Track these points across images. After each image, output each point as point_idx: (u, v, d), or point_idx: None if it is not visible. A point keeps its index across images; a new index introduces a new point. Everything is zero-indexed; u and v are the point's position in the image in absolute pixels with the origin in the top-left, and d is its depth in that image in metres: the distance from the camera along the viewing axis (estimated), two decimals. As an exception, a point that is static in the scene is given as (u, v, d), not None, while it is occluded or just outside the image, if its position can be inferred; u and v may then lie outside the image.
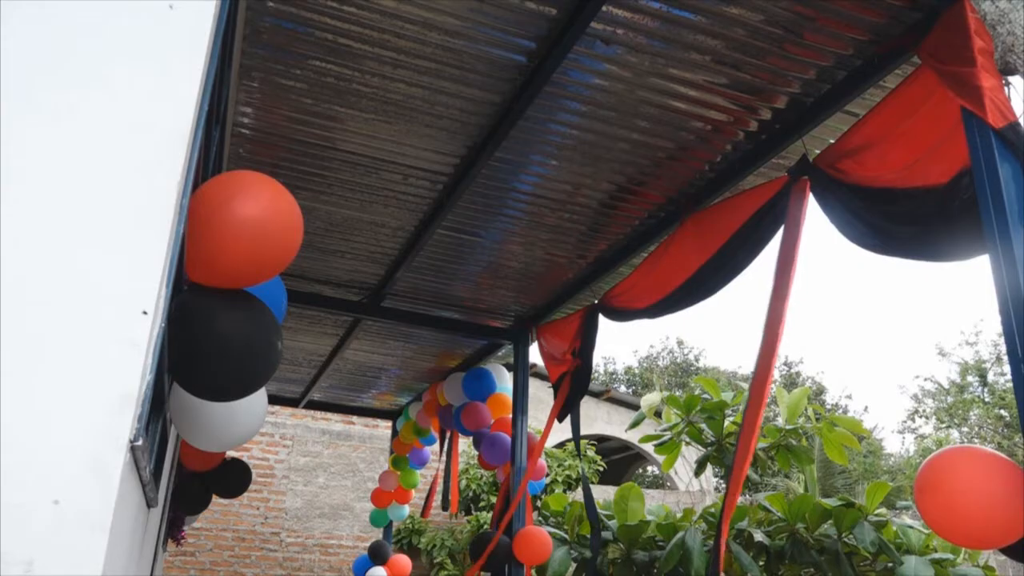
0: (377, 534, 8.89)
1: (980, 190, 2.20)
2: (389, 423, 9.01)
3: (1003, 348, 21.50)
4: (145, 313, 1.41)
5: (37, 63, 1.48)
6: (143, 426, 1.44)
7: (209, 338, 1.73)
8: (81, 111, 1.49)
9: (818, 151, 3.17)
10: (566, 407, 5.03)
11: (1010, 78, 2.27)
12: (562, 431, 5.75)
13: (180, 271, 1.88)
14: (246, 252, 1.73)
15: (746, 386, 7.35)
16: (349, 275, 5.20)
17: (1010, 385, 20.73)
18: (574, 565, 6.39)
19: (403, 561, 8.05)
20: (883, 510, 5.70)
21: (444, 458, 7.64)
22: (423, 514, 7.70)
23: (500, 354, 6.55)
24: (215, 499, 4.93)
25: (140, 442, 1.42)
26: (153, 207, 1.49)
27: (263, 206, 1.76)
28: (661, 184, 3.91)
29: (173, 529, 5.54)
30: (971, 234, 2.36)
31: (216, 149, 2.98)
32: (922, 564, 5.22)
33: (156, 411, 2.14)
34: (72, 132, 1.48)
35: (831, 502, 5.62)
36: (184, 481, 4.53)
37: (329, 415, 10.97)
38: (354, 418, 11.15)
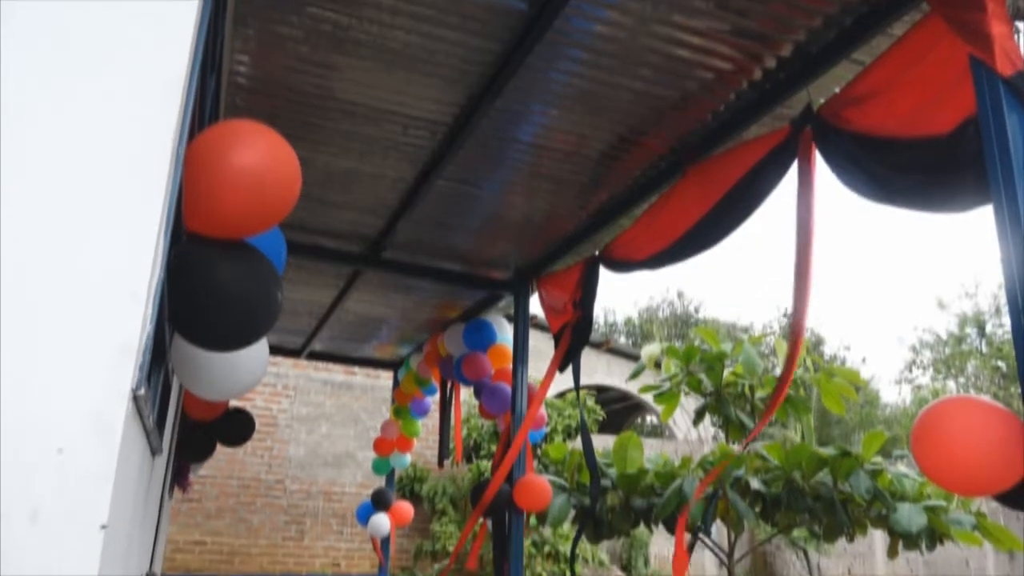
0: (379, 482, 9.02)
1: (986, 139, 2.17)
2: (390, 374, 9.08)
3: (1003, 300, 21.55)
4: (144, 263, 1.41)
5: (31, 13, 1.45)
6: (144, 376, 1.45)
7: (209, 288, 1.73)
8: (75, 60, 1.47)
9: (823, 100, 3.13)
10: (567, 358, 5.06)
11: (1020, 24, 2.23)
12: (562, 381, 5.79)
13: (178, 221, 1.87)
14: (244, 202, 1.72)
15: (745, 337, 7.36)
16: (349, 226, 5.18)
17: (1008, 337, 20.86)
18: (573, 512, 6.51)
19: (405, 507, 8.19)
20: (879, 459, 5.78)
21: (445, 408, 7.71)
22: (439, 464, 7.80)
23: (500, 305, 6.56)
24: (219, 448, 4.99)
25: (142, 392, 1.43)
26: (149, 156, 1.47)
27: (261, 155, 1.74)
28: (663, 134, 3.86)
29: (178, 477, 5.63)
30: (974, 185, 2.34)
31: (212, 99, 2.94)
32: (915, 511, 5.31)
33: (157, 361, 2.15)
34: (66, 81, 1.46)
35: (828, 451, 5.69)
36: (188, 430, 4.58)
37: (331, 366, 11.04)
38: (355, 369, 11.23)
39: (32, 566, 1.23)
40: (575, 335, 4.98)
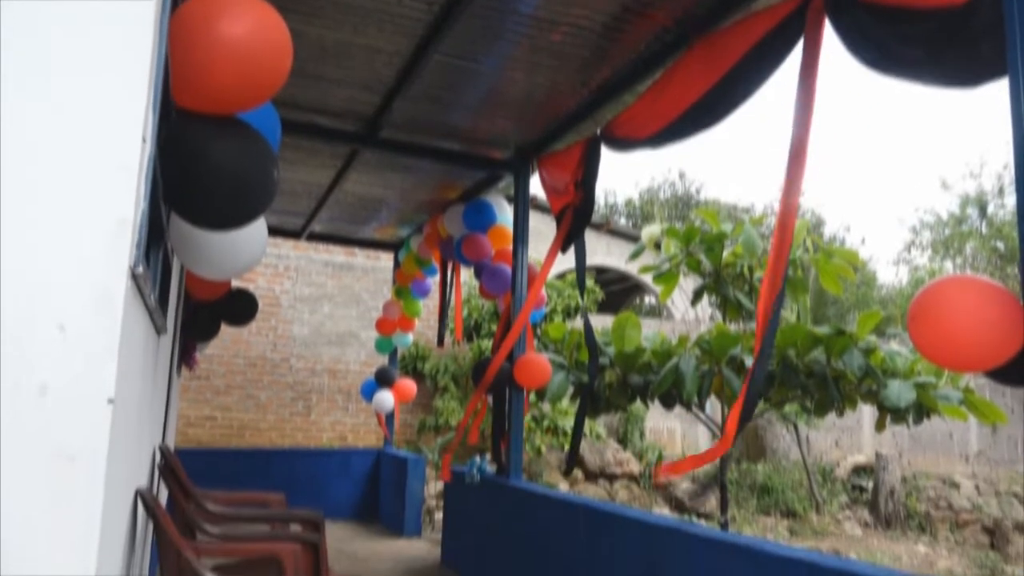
0: (382, 360, 9.23)
1: (1008, 9, 2.08)
2: (391, 255, 9.12)
3: (1007, 179, 21.35)
4: (132, 138, 1.37)
5: None
6: (143, 253, 1.44)
7: (202, 165, 1.70)
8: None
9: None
10: (568, 239, 5.05)
11: None
12: (562, 262, 5.81)
13: (167, 96, 1.81)
14: (234, 74, 1.66)
15: (746, 218, 7.33)
16: (344, 104, 5.05)
17: (1008, 218, 20.81)
18: (572, 388, 6.69)
19: (408, 384, 8.42)
20: (872, 337, 5.87)
21: (445, 289, 7.78)
22: (439, 343, 7.94)
23: (500, 186, 6.50)
24: (224, 328, 5.06)
25: (141, 269, 1.42)
26: (131, 26, 1.41)
27: (249, 25, 1.67)
28: (669, 5, 3.70)
29: (185, 356, 5.74)
30: (988, 56, 2.26)
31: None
32: (905, 387, 5.45)
33: (156, 240, 2.14)
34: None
35: (822, 330, 5.78)
36: (192, 310, 4.63)
37: (331, 247, 11.07)
38: (356, 250, 11.27)
39: (45, 438, 1.26)
40: (576, 216, 4.96)
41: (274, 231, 8.12)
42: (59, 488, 1.27)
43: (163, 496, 4.14)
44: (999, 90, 2.12)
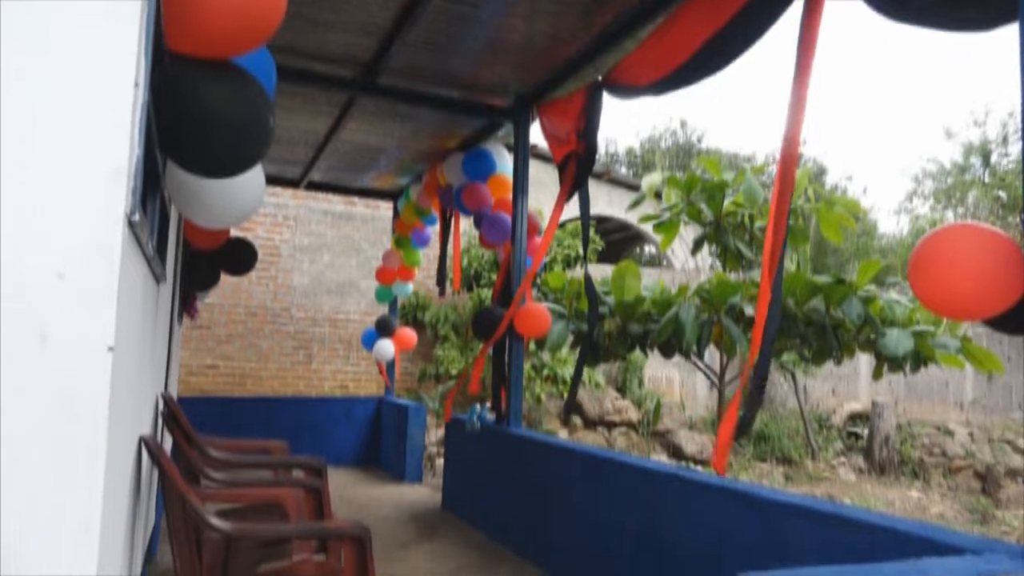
0: (383, 309, 9.27)
1: (1020, -51, 2.02)
2: (390, 204, 9.07)
3: (1011, 128, 21.12)
4: (125, 82, 1.35)
5: None
6: (139, 201, 1.43)
7: (197, 110, 1.67)
8: None
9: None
10: (573, 189, 5.02)
11: None
12: (562, 211, 5.76)
13: (159, 41, 1.77)
14: (227, 16, 1.62)
15: (748, 167, 7.28)
16: (341, 49, 4.96)
17: (1012, 167, 20.64)
18: (571, 337, 6.73)
19: (409, 333, 8.46)
20: (872, 287, 5.88)
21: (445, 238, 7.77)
22: (440, 293, 7.94)
23: (500, 134, 6.43)
24: (225, 277, 5.07)
25: (137, 217, 1.41)
26: (120, -35, 1.37)
27: (241, -35, 1.62)
28: (673, -54, 3.61)
29: (186, 305, 5.76)
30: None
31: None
32: (904, 336, 5.48)
33: (152, 188, 2.12)
34: None
35: (822, 279, 5.78)
36: (192, 259, 4.63)
37: (331, 197, 11.01)
38: (355, 199, 11.21)
39: (46, 385, 1.27)
40: (580, 166, 4.91)
41: (272, 180, 8.07)
42: (62, 434, 1.28)
43: (167, 444, 4.19)
44: (1007, 36, 2.07)
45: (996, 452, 12.62)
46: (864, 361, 14.03)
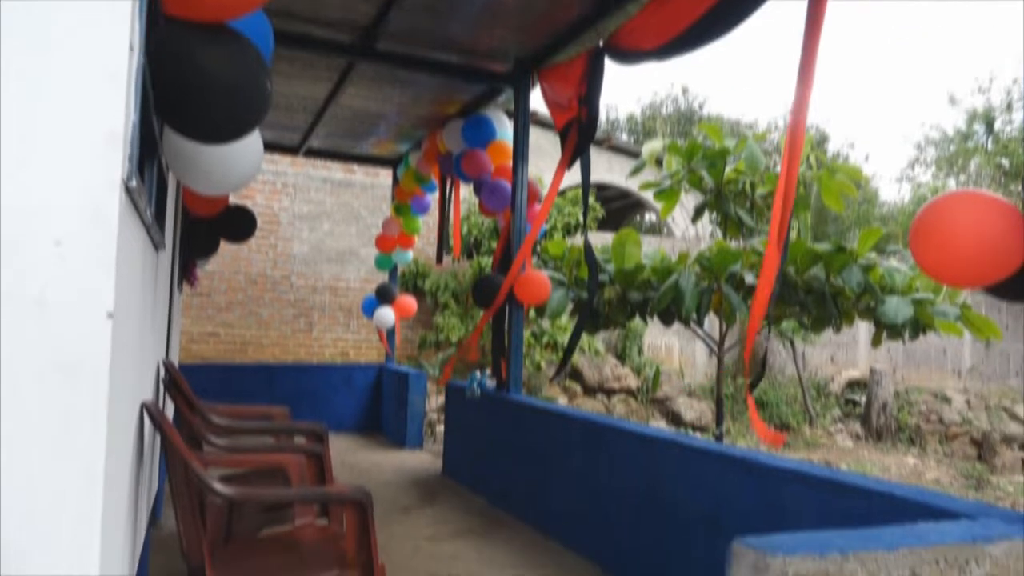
0: (383, 277, 9.26)
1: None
2: (390, 171, 9.02)
3: (1016, 94, 20.90)
4: (120, 46, 1.33)
5: None
6: (135, 166, 1.42)
7: (192, 74, 1.65)
8: None
9: None
10: (574, 156, 4.98)
11: None
12: (562, 178, 5.73)
13: (154, 3, 1.75)
14: (221, -22, 1.59)
15: (749, 134, 7.22)
16: (339, 13, 4.89)
17: (1015, 134, 20.48)
18: (571, 305, 6.73)
19: (409, 301, 8.46)
20: (872, 254, 5.87)
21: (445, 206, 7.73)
22: (438, 261, 7.92)
23: (500, 100, 6.37)
24: (224, 245, 5.05)
25: (134, 183, 1.40)
26: (113, -75, 1.34)
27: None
28: (676, -94, 3.54)
29: (186, 272, 5.75)
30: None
31: None
32: (903, 303, 5.48)
33: (149, 154, 2.11)
34: None
35: (823, 246, 5.77)
36: (191, 227, 4.61)
37: (330, 164, 10.94)
38: (355, 167, 11.15)
39: (47, 351, 1.27)
40: (581, 133, 4.87)
41: (271, 146, 8.02)
42: (64, 399, 1.28)
43: (169, 410, 4.21)
44: (1014, 2, 2.03)
45: (992, 419, 12.71)
46: (863, 329, 14.07)
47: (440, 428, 9.00)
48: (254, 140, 2.36)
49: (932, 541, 1.85)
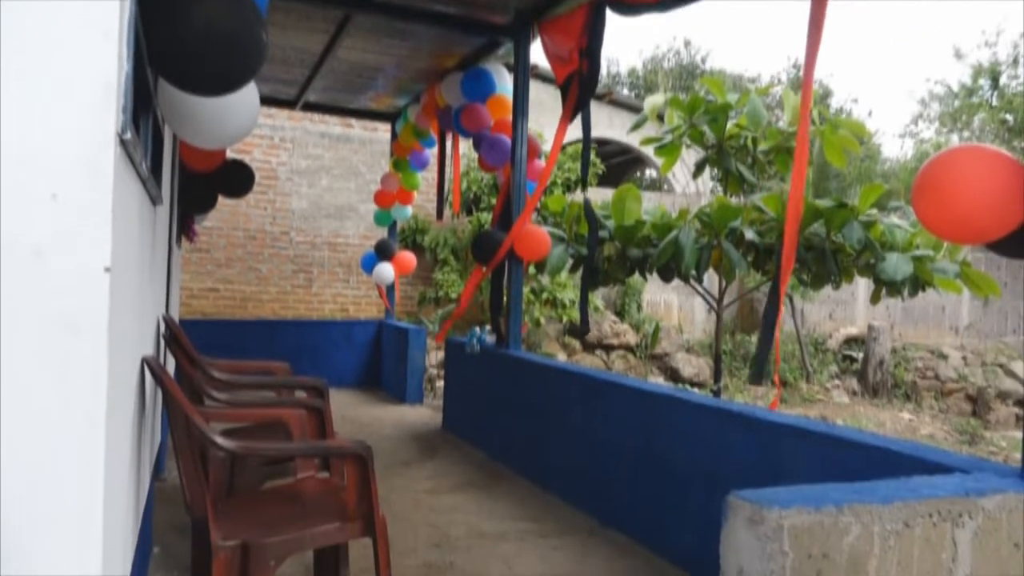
0: (382, 233, 9.23)
1: None
2: (388, 126, 8.93)
3: (1023, 49, 20.60)
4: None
5: None
6: (129, 119, 1.40)
7: (187, 25, 1.62)
8: None
9: None
10: (575, 110, 4.92)
11: None
12: (565, 134, 5.67)
13: (146, -50, 1.70)
14: (214, -76, 1.55)
15: (752, 88, 7.11)
16: (336, -37, 4.79)
17: (1020, 88, 20.24)
18: (571, 261, 6.73)
19: (408, 257, 8.45)
20: (874, 211, 5.84)
21: (444, 161, 7.67)
22: (438, 216, 7.88)
23: (500, 53, 6.27)
24: (222, 201, 5.02)
25: (129, 136, 1.38)
26: None
27: None
28: None
29: (184, 227, 5.73)
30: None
31: None
32: (903, 260, 5.47)
33: (144, 107, 2.08)
34: None
35: (824, 203, 5.74)
36: (188, 181, 4.57)
37: (327, 118, 10.83)
38: (353, 121, 11.03)
39: (45, 306, 1.27)
40: (583, 86, 4.81)
41: (267, 100, 7.92)
42: (63, 353, 1.28)
43: (170, 365, 4.23)
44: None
45: (988, 375, 12.81)
46: (862, 285, 14.09)
47: (440, 383, 9.06)
48: (250, 93, 2.33)
49: (926, 494, 1.87)
